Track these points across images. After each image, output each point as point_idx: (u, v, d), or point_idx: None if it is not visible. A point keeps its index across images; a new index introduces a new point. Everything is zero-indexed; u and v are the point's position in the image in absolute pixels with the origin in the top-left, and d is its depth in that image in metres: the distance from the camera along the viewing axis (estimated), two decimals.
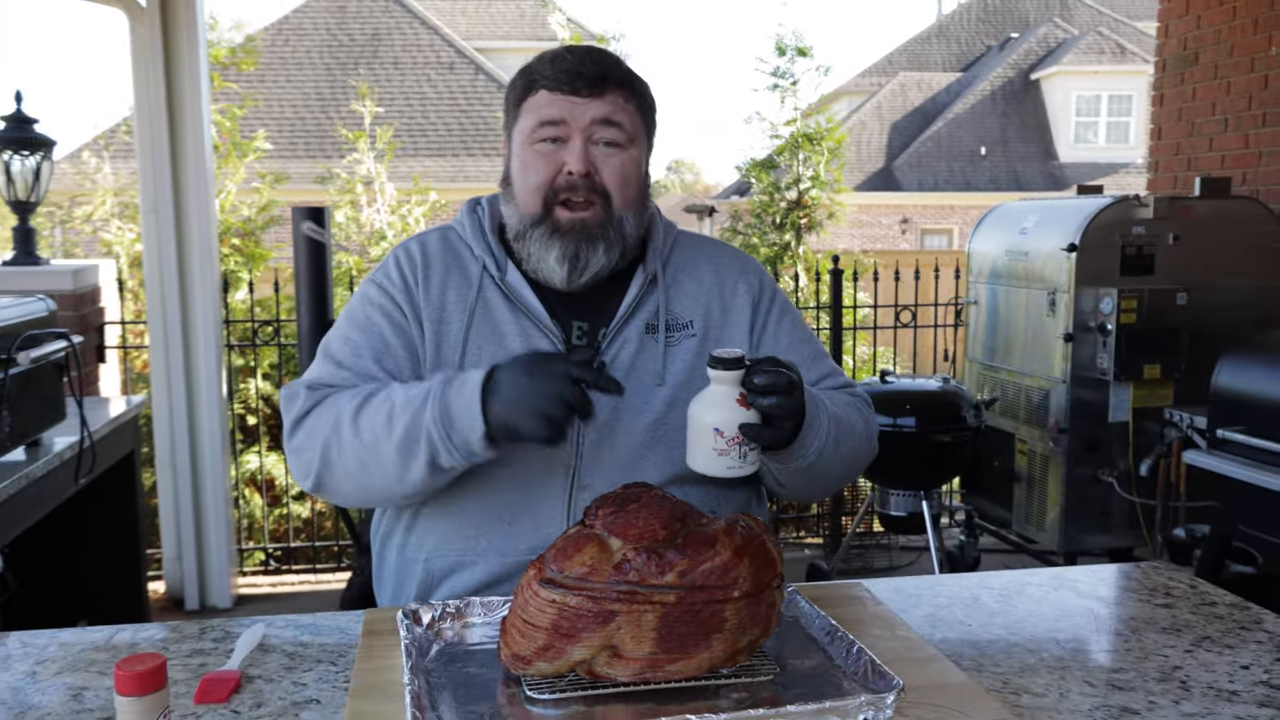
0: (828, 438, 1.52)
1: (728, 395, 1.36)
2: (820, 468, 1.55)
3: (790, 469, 1.53)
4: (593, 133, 1.57)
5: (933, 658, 1.26)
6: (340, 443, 1.50)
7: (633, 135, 1.60)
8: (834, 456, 1.56)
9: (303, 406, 1.55)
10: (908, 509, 4.46)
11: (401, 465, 1.46)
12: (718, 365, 1.35)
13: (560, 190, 1.57)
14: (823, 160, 6.75)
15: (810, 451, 1.50)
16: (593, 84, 1.56)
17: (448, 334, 1.61)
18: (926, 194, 21.21)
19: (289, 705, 1.26)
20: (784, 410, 1.37)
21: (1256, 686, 1.29)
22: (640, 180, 1.64)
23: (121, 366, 4.83)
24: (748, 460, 1.37)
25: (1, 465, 2.46)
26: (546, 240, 1.58)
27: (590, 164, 1.56)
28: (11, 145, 4.14)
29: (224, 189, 5.85)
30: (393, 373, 1.59)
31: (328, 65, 17.40)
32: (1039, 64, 22.71)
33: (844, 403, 1.64)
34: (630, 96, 1.60)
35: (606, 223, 1.59)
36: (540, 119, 1.57)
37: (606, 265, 1.60)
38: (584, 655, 1.14)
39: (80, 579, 3.34)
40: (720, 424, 1.35)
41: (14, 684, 1.33)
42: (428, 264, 1.66)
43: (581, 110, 1.56)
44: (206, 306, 4.37)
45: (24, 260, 4.22)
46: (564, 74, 1.56)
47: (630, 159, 1.60)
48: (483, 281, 1.64)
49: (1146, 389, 4.24)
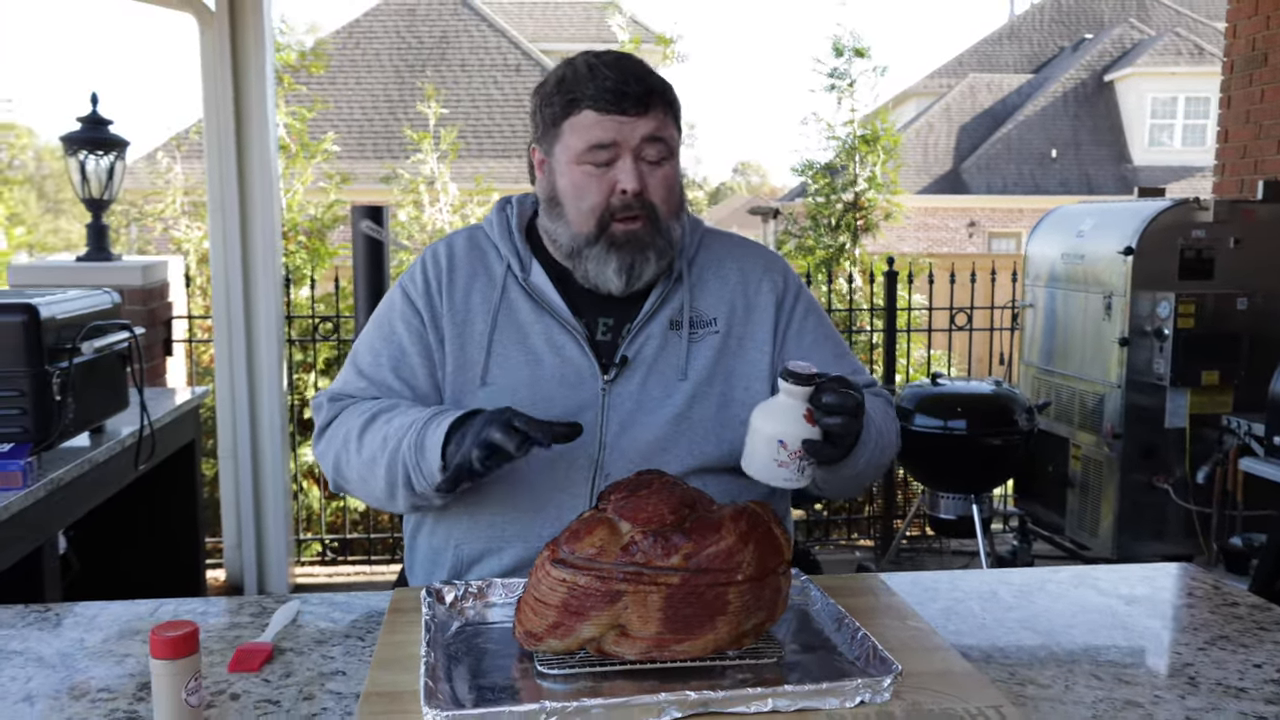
0: (873, 449, 1.58)
1: (795, 409, 1.39)
2: (860, 474, 1.61)
3: (834, 476, 1.57)
4: (642, 150, 1.60)
5: (938, 647, 1.28)
6: (348, 457, 1.61)
7: (673, 148, 1.64)
8: (872, 464, 1.61)
9: (324, 418, 1.67)
10: (958, 512, 4.44)
11: (390, 484, 1.56)
12: (790, 379, 1.38)
13: (615, 210, 1.61)
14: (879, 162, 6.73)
15: (859, 464, 1.55)
16: (639, 102, 1.58)
17: (472, 335, 1.67)
18: (995, 197, 20.96)
19: (316, 676, 1.32)
20: (847, 430, 1.41)
21: (1266, 684, 1.30)
22: (680, 188, 1.69)
23: (188, 360, 4.97)
24: (804, 474, 1.41)
25: (66, 450, 2.56)
26: (604, 255, 1.63)
27: (640, 181, 1.60)
28: (87, 145, 4.29)
29: (292, 189, 5.98)
30: (408, 380, 1.67)
31: (396, 67, 17.64)
32: (1113, 65, 22.34)
33: (880, 410, 1.69)
34: (667, 108, 1.63)
35: (656, 233, 1.63)
36: (590, 142, 1.59)
37: (657, 271, 1.66)
38: (593, 633, 1.19)
39: (141, 564, 3.45)
40: (785, 436, 1.39)
41: (64, 650, 1.41)
42: (453, 268, 1.72)
43: (630, 130, 1.58)
44: (269, 302, 4.48)
45: (96, 256, 4.37)
46: (609, 93, 1.57)
47: (673, 170, 1.65)
48: (506, 282, 1.69)
49: (1205, 395, 4.19)
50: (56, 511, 2.43)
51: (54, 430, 2.35)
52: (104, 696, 1.26)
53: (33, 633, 1.47)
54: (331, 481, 1.68)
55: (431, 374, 1.68)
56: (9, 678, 1.32)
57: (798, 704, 1.12)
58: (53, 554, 2.48)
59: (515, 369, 1.65)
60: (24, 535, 2.28)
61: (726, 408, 1.66)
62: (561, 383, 1.64)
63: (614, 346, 1.67)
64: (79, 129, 4.29)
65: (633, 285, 1.64)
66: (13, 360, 2.28)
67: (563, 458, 1.61)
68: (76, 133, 4.29)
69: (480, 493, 1.64)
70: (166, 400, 3.35)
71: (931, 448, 4.32)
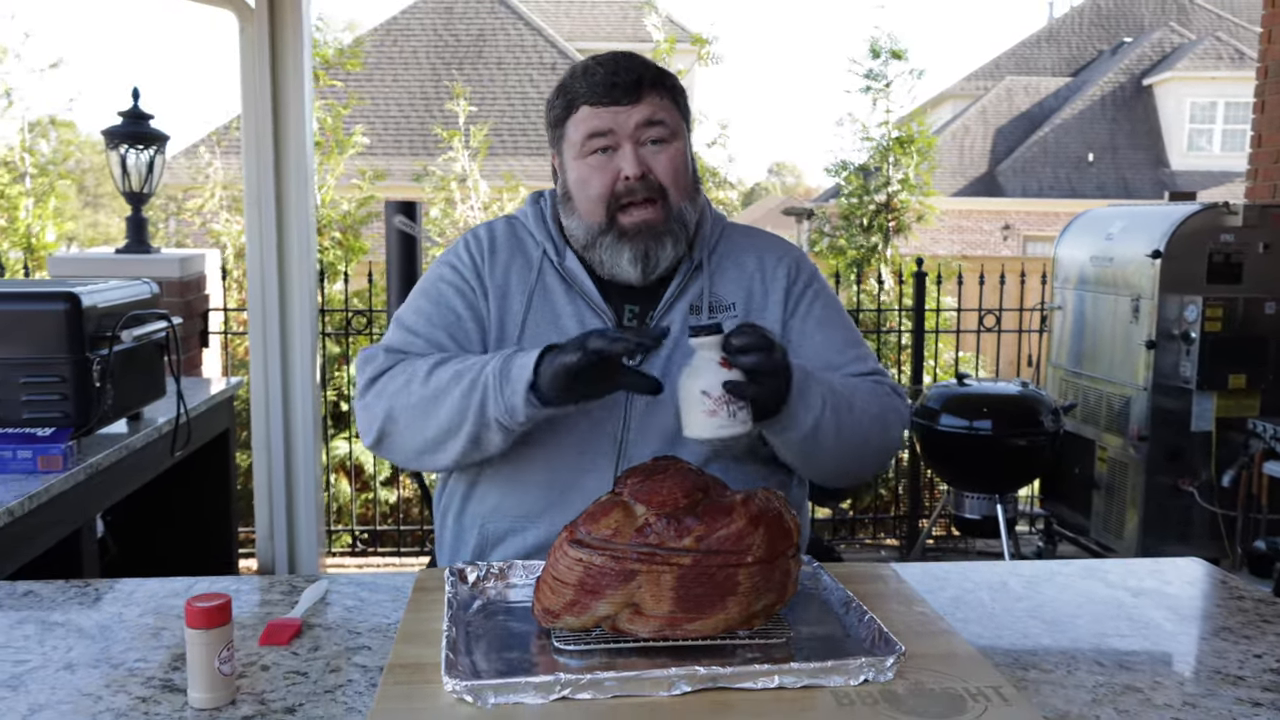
0: (823, 411, 1.57)
1: (710, 360, 1.43)
2: (820, 444, 1.60)
3: (786, 441, 1.59)
4: (639, 135, 1.66)
5: (943, 631, 1.32)
6: (409, 394, 1.61)
7: (674, 129, 1.69)
8: (835, 434, 1.60)
9: (380, 366, 1.68)
10: (982, 512, 4.46)
11: (454, 419, 1.57)
12: (697, 333, 1.43)
13: (621, 196, 1.67)
14: (913, 164, 6.74)
15: (804, 423, 1.56)
16: (629, 91, 1.65)
17: (510, 311, 1.73)
18: (1030, 200, 20.84)
19: (343, 650, 1.37)
20: (765, 366, 1.43)
21: (1264, 674, 1.33)
22: (689, 169, 1.73)
23: (223, 352, 5.06)
24: (737, 419, 1.43)
25: (105, 436, 2.63)
26: (616, 245, 1.68)
27: (643, 165, 1.66)
28: (127, 140, 4.38)
29: (324, 184, 6.06)
30: (462, 343, 1.71)
31: (433, 65, 17.77)
32: (1152, 69, 22.17)
33: (859, 387, 1.69)
34: (665, 93, 1.69)
35: (668, 218, 1.68)
36: (588, 132, 1.67)
37: (674, 257, 1.71)
38: (608, 611, 1.23)
39: (175, 549, 3.53)
40: (706, 387, 1.42)
41: (103, 622, 1.47)
42: (494, 248, 1.78)
43: (625, 117, 1.65)
44: (303, 296, 4.54)
45: (135, 249, 4.46)
46: (600, 86, 1.66)
47: (677, 151, 1.69)
48: (543, 266, 1.75)
49: (1231, 399, 4.19)
50: (95, 495, 2.50)
51: (93, 416, 2.43)
52: (141, 665, 1.32)
53: (73, 606, 1.53)
54: (375, 430, 1.66)
55: (484, 339, 1.72)
56: (50, 647, 1.38)
57: (803, 681, 1.16)
58: (91, 536, 2.55)
59: None
60: (64, 517, 2.35)
61: None
62: None
63: None
64: (120, 123, 4.39)
65: (650, 274, 1.69)
66: (55, 347, 2.35)
67: (589, 438, 1.67)
68: (118, 127, 4.38)
69: (507, 477, 1.69)
70: (202, 390, 3.43)
71: (957, 447, 4.34)
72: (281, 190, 4.53)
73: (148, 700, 1.22)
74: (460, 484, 1.77)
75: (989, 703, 1.13)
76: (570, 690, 1.12)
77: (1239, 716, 1.21)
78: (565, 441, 1.67)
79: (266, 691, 1.25)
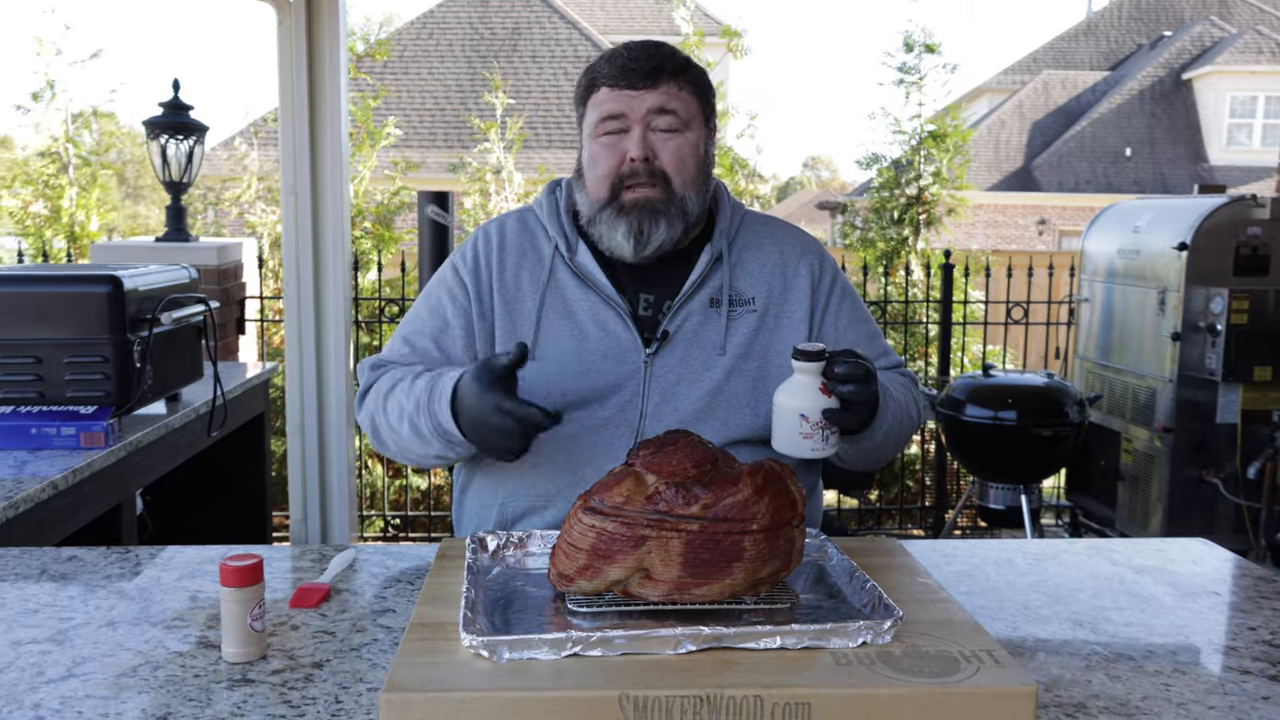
0: (893, 420, 1.69)
1: (811, 384, 1.51)
2: (881, 445, 1.71)
3: (857, 448, 1.69)
4: (650, 120, 1.72)
5: (943, 599, 1.37)
6: (384, 411, 1.74)
7: (688, 119, 1.74)
8: (889, 438, 1.72)
9: (364, 384, 1.82)
10: (1007, 503, 4.49)
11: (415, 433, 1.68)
12: (801, 357, 1.50)
13: (625, 177, 1.72)
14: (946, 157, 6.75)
15: (880, 433, 1.66)
16: (647, 77, 1.71)
17: (522, 311, 1.79)
18: (1066, 195, 20.71)
19: (369, 612, 1.44)
20: (862, 397, 1.52)
21: (1256, 645, 1.37)
22: (699, 160, 1.77)
23: (259, 340, 5.16)
24: (829, 443, 1.53)
25: (144, 416, 2.72)
26: (614, 219, 1.73)
27: (649, 149, 1.71)
28: (168, 130, 4.48)
29: (358, 175, 6.15)
30: (447, 350, 1.81)
31: (469, 58, 17.87)
32: (1192, 63, 21.96)
33: (900, 385, 1.80)
34: (684, 84, 1.74)
35: (669, 200, 1.73)
36: (602, 114, 1.73)
37: (669, 239, 1.74)
38: (619, 575, 1.29)
39: (212, 529, 3.62)
40: (805, 410, 1.50)
41: (143, 585, 1.54)
42: (503, 248, 1.84)
43: (638, 102, 1.71)
44: (337, 285, 4.63)
45: (174, 237, 4.56)
46: (620, 70, 1.72)
47: (687, 141, 1.74)
48: (554, 263, 1.81)
49: (1258, 391, 4.20)
50: (135, 471, 2.59)
51: (134, 395, 2.51)
52: (178, 624, 1.39)
53: (114, 569, 1.61)
54: (371, 443, 1.82)
55: (469, 346, 1.81)
56: (94, 606, 1.45)
57: (804, 642, 1.21)
58: (131, 513, 2.64)
59: (562, 343, 1.76)
60: (105, 492, 2.44)
61: (762, 383, 1.76)
62: (606, 356, 1.75)
63: (655, 322, 1.78)
64: (161, 114, 4.49)
65: (642, 251, 1.73)
66: (98, 328, 2.43)
67: (606, 425, 1.73)
68: (158, 118, 4.48)
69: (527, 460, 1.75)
70: (238, 373, 3.52)
71: (982, 438, 4.37)
72: (317, 181, 4.62)
73: (184, 655, 1.30)
74: (478, 468, 1.84)
75: (981, 664, 1.18)
76: (581, 647, 1.18)
77: (1228, 683, 1.25)
78: (585, 426, 1.73)
79: (296, 648, 1.32)
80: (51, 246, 5.83)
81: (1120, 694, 1.21)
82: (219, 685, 1.21)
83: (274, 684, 1.22)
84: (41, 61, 6.05)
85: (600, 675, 1.15)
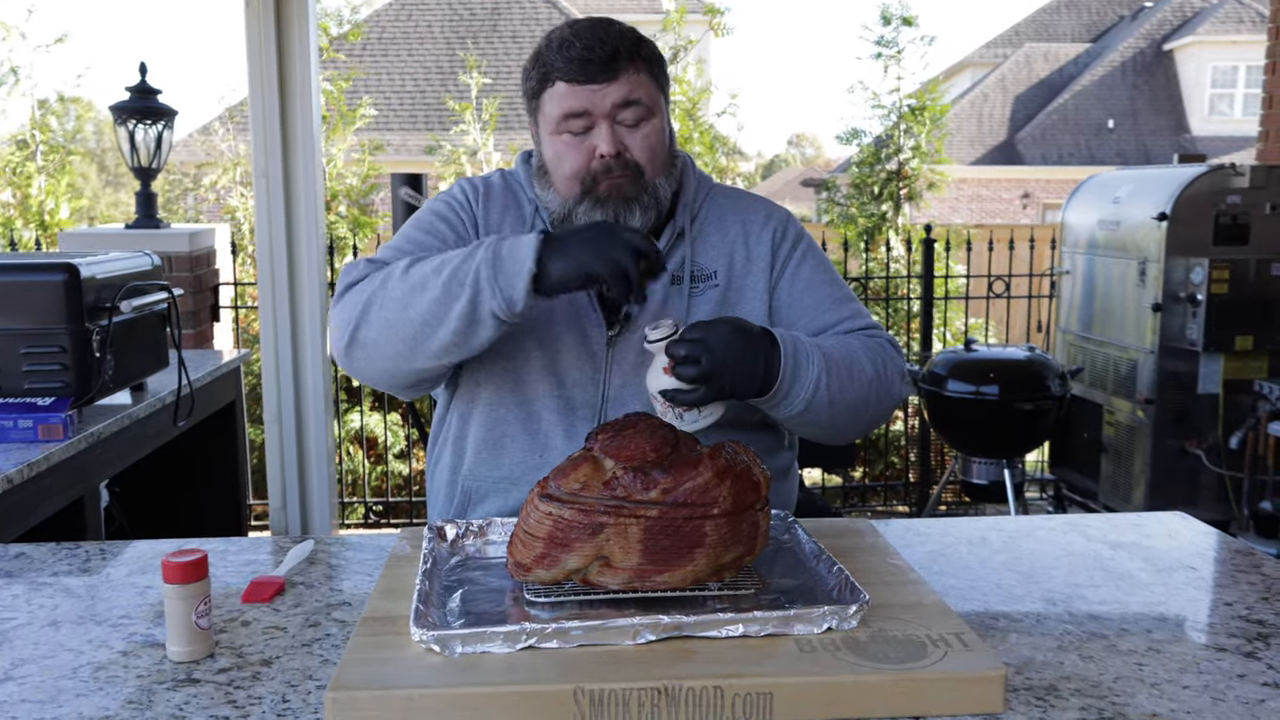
0: (819, 388, 1.58)
1: (659, 364, 1.51)
2: (818, 412, 1.60)
3: (781, 415, 1.61)
4: (616, 114, 1.64)
5: (912, 581, 1.33)
6: (386, 290, 1.56)
7: (651, 105, 1.67)
8: (833, 401, 1.60)
9: (359, 273, 1.65)
10: (990, 477, 4.47)
11: (442, 304, 1.50)
12: (647, 340, 1.51)
13: (596, 174, 1.66)
14: (925, 131, 6.70)
15: (795, 404, 1.58)
16: (606, 69, 1.62)
17: None
18: (1050, 168, 20.68)
19: (323, 606, 1.40)
20: (695, 374, 1.46)
21: (1232, 620, 1.34)
22: (665, 143, 1.71)
23: (235, 326, 5.09)
24: (684, 420, 1.52)
25: (108, 406, 2.66)
26: (590, 211, 1.67)
27: (619, 143, 1.65)
28: (135, 115, 4.41)
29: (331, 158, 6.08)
30: None
31: (447, 39, 17.74)
32: (1173, 34, 21.91)
33: (856, 346, 1.68)
34: (641, 65, 1.66)
35: (641, 189, 1.68)
36: (563, 111, 1.64)
37: (644, 225, 1.69)
38: (577, 564, 1.25)
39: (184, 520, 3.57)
40: (654, 390, 1.52)
41: (91, 582, 1.50)
42: (489, 196, 1.80)
43: (601, 97, 1.63)
44: (312, 270, 4.57)
45: (145, 224, 4.50)
46: (576, 63, 1.62)
47: (654, 129, 1.68)
48: (535, 222, 1.76)
49: (1238, 360, 4.18)
50: (98, 464, 2.54)
51: (93, 386, 2.45)
52: (124, 622, 1.35)
53: (63, 567, 1.56)
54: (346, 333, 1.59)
55: None
56: (38, 605, 1.41)
57: (768, 629, 1.17)
58: (95, 506, 2.59)
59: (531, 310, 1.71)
60: (65, 485, 2.39)
61: None
62: (570, 331, 1.71)
63: (619, 303, 1.73)
64: (128, 99, 4.41)
65: None
66: (55, 317, 2.38)
67: (567, 407, 1.69)
68: (125, 102, 4.41)
69: (492, 438, 1.72)
70: (208, 361, 3.46)
71: (964, 413, 4.34)
72: (289, 166, 4.56)
73: (128, 654, 1.25)
74: (448, 442, 1.80)
75: (949, 648, 1.14)
76: (536, 639, 1.14)
77: (1202, 660, 1.22)
78: (547, 408, 1.69)
79: (245, 645, 1.27)
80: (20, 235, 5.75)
81: (1093, 675, 1.18)
82: (161, 686, 1.17)
83: (219, 683, 1.17)
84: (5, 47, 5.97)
85: (555, 668, 1.11)
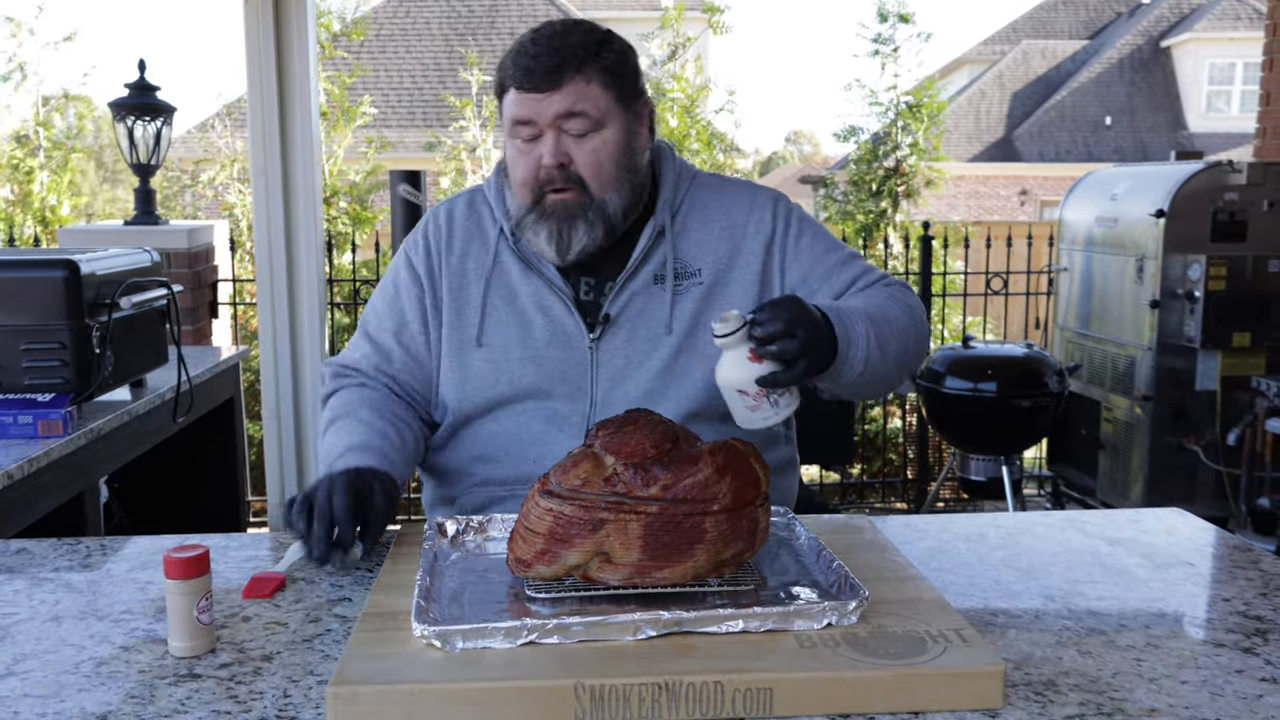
0: (870, 346, 1.56)
1: (738, 356, 1.44)
2: (872, 372, 1.58)
3: (845, 383, 1.58)
4: (560, 124, 1.62)
5: (911, 577, 1.34)
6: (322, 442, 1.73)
7: (600, 118, 1.63)
8: (884, 358, 1.59)
9: (326, 390, 1.80)
10: (988, 474, 4.48)
11: None
12: (717, 335, 1.43)
13: (544, 183, 1.65)
14: (922, 128, 6.71)
15: (855, 366, 1.55)
16: (548, 78, 1.59)
17: (468, 297, 1.75)
18: (1047, 165, 20.69)
19: (324, 602, 1.40)
20: (792, 350, 1.42)
21: (1230, 616, 1.34)
22: (618, 158, 1.66)
23: (234, 323, 5.09)
24: (781, 406, 1.47)
25: (107, 402, 2.67)
26: (536, 224, 1.67)
27: (563, 154, 1.62)
28: (134, 111, 4.40)
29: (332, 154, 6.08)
30: (408, 346, 1.78)
31: (446, 36, 17.72)
32: (1170, 30, 21.92)
33: (881, 298, 1.67)
34: (593, 76, 1.61)
35: (587, 205, 1.65)
36: (512, 118, 1.64)
37: (591, 242, 1.66)
38: (578, 560, 1.25)
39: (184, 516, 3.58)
40: (741, 384, 1.45)
41: (92, 577, 1.50)
42: (451, 233, 1.80)
43: (544, 106, 1.60)
44: (310, 267, 4.57)
45: (143, 220, 4.50)
46: (523, 71, 1.60)
47: (602, 141, 1.64)
48: (499, 245, 1.76)
49: (1236, 357, 4.18)
50: (97, 460, 2.54)
51: (93, 382, 2.46)
52: (125, 617, 1.35)
53: (64, 562, 1.57)
54: None
55: (428, 341, 1.78)
56: (39, 601, 1.41)
57: (767, 625, 1.18)
58: (95, 502, 2.59)
59: (507, 329, 1.72)
60: (68, 481, 2.39)
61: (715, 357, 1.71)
62: (551, 342, 1.71)
63: (598, 305, 1.73)
64: (127, 95, 4.41)
65: (566, 255, 1.66)
66: (54, 314, 2.38)
67: (556, 416, 1.70)
68: (124, 99, 4.40)
69: (484, 448, 1.73)
70: (207, 357, 3.46)
71: (962, 410, 4.35)
72: (288, 163, 4.56)
73: (129, 649, 1.25)
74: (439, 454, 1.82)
75: (949, 644, 1.15)
76: (537, 635, 1.15)
77: (1200, 657, 1.22)
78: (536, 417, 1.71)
79: (246, 641, 1.28)
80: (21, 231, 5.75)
81: (1091, 670, 1.18)
82: (163, 681, 1.17)
83: (221, 678, 1.18)
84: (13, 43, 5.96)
85: (556, 664, 1.11)
